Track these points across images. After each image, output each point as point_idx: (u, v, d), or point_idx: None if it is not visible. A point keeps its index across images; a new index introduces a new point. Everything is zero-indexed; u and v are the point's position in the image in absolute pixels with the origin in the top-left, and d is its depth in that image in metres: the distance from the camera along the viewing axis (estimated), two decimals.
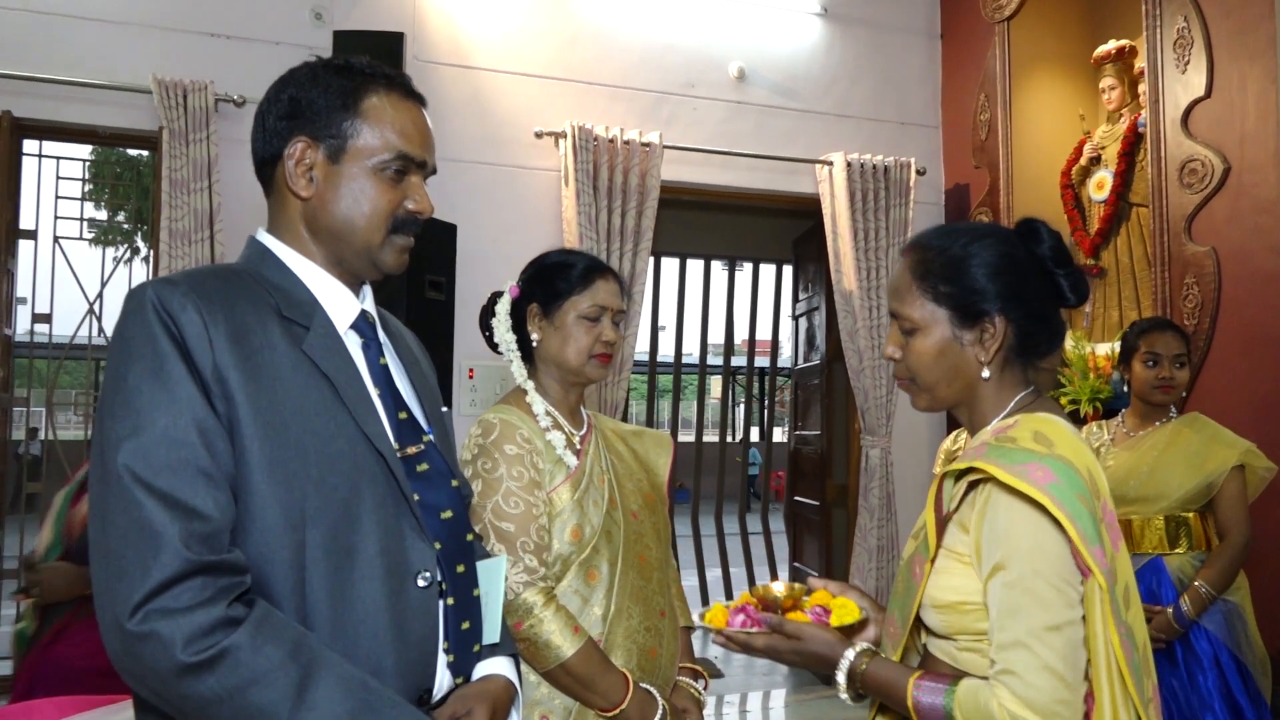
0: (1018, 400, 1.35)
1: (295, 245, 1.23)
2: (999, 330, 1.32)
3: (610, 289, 1.87)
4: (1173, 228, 3.77)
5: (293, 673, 1.00)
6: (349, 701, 1.02)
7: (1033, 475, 1.17)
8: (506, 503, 1.69)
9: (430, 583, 1.17)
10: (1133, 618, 1.22)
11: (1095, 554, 1.15)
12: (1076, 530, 1.15)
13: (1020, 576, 1.16)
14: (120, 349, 1.06)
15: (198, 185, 3.66)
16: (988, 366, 1.34)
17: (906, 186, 4.73)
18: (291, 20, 4.05)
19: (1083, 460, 1.22)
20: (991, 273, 1.33)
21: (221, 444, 1.04)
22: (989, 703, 1.14)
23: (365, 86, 1.22)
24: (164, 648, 0.96)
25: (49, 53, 3.72)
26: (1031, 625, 1.14)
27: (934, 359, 1.36)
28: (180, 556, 0.98)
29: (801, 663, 1.39)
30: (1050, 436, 1.24)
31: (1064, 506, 1.15)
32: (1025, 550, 1.17)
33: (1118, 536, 1.24)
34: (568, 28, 4.50)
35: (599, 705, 1.67)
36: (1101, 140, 4.45)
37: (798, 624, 1.38)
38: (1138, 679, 1.18)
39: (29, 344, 4.56)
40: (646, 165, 4.30)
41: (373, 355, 1.25)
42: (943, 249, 1.36)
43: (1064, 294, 1.35)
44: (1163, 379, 2.80)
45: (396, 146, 1.21)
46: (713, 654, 5.30)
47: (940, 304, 1.35)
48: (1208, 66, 3.65)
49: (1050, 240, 1.35)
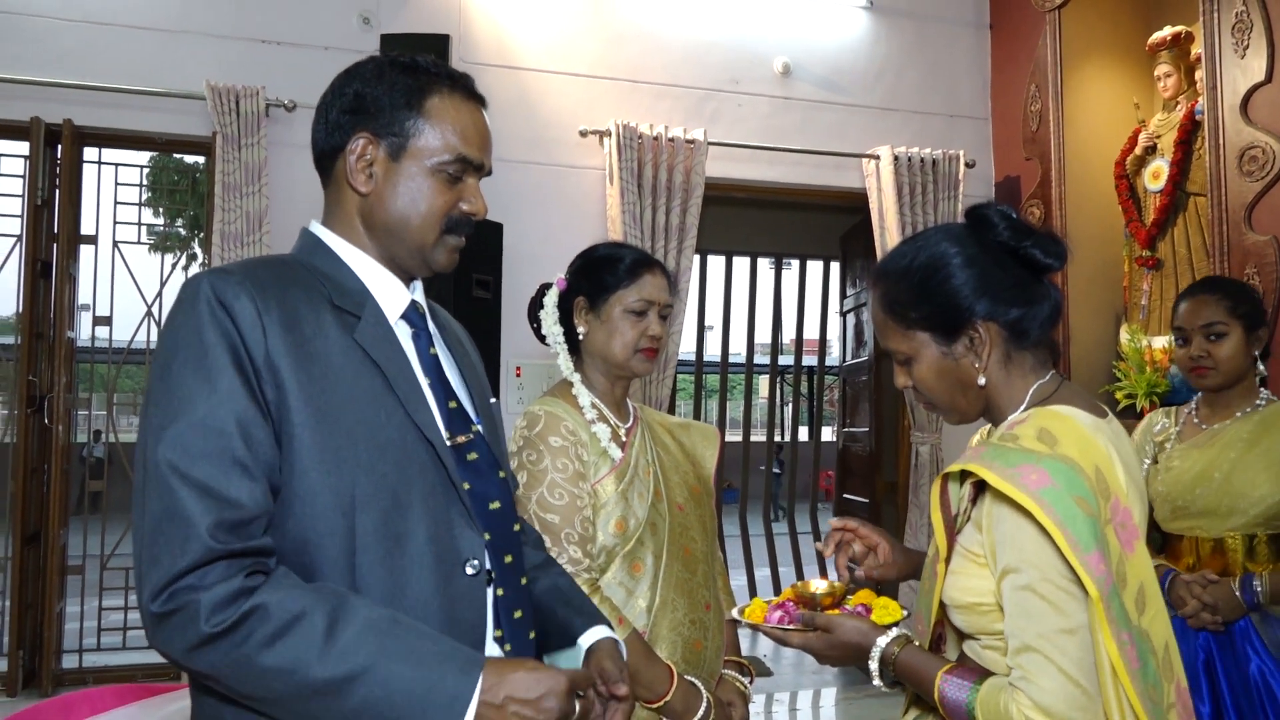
0: (1035, 390, 1.31)
1: (349, 238, 1.24)
2: (985, 335, 1.30)
3: (658, 283, 1.86)
4: (1232, 217, 3.67)
5: (318, 619, 1.01)
6: (376, 636, 1.02)
7: (1025, 479, 1.14)
8: (551, 494, 1.69)
9: (479, 570, 1.18)
10: (1149, 621, 1.18)
11: (1090, 561, 1.11)
12: (1065, 538, 1.10)
13: (1031, 581, 1.14)
14: (168, 339, 1.08)
15: (250, 188, 3.73)
16: (983, 373, 1.31)
17: (955, 179, 4.66)
18: (340, 25, 4.11)
19: (1089, 458, 1.18)
20: (958, 281, 1.29)
21: (262, 434, 1.06)
22: (1008, 706, 1.13)
23: (430, 86, 1.23)
24: (190, 621, 0.98)
25: (107, 62, 3.82)
26: (1044, 629, 1.12)
27: (936, 381, 1.35)
28: (205, 546, 0.99)
29: (838, 656, 1.36)
30: (1056, 433, 1.20)
31: (1054, 512, 1.11)
32: (1032, 554, 1.14)
33: (1132, 536, 1.18)
34: (611, 27, 4.51)
35: (643, 697, 1.66)
36: (1157, 129, 4.34)
37: (829, 616, 1.37)
38: (1144, 687, 1.13)
39: (90, 349, 4.68)
40: (691, 162, 4.29)
41: (423, 345, 1.26)
42: (902, 273, 1.34)
43: (1038, 262, 1.29)
44: (1194, 359, 2.26)
45: (456, 148, 1.22)
46: (762, 651, 5.28)
47: (918, 329, 1.33)
48: (1268, 51, 3.55)
49: (1002, 221, 1.30)
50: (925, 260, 1.32)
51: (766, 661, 5.15)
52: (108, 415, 4.40)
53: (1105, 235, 4.56)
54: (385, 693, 1.00)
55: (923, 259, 1.33)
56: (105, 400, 4.48)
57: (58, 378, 3.87)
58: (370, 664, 1.00)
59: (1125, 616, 1.13)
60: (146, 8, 3.90)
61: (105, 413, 4.42)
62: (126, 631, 4.19)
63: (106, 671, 4.04)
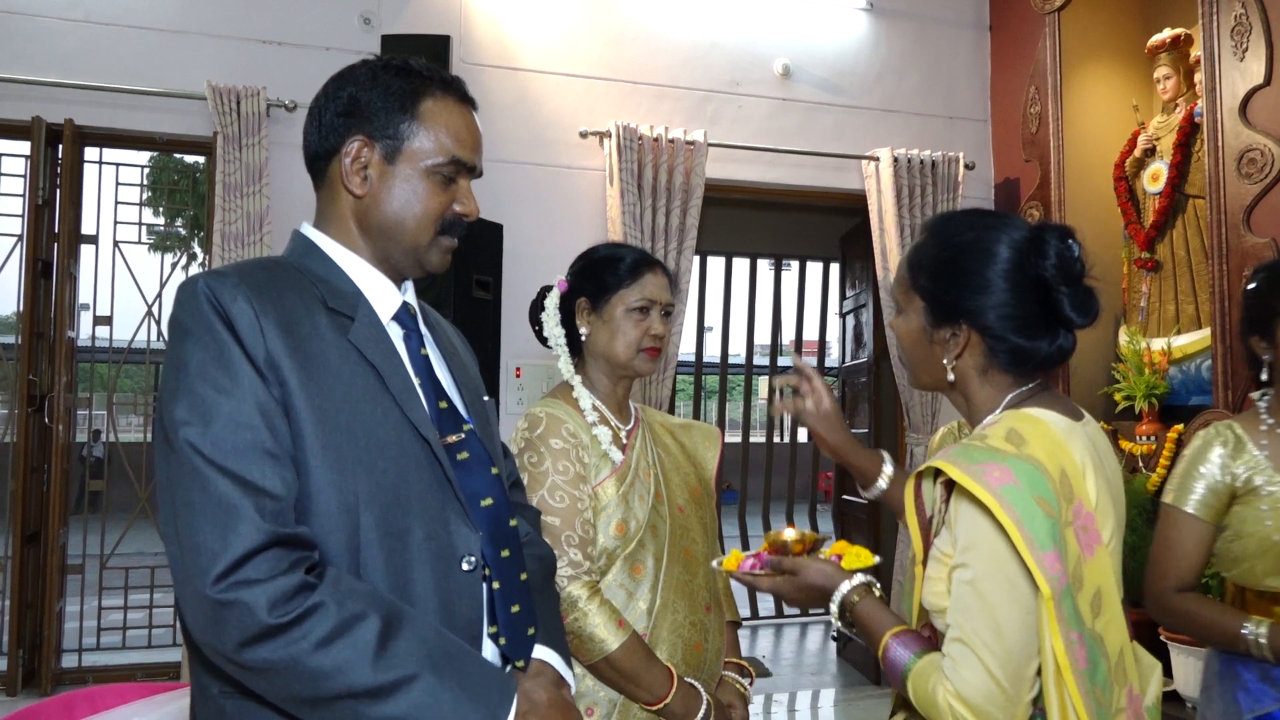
0: (1011, 397, 1.31)
1: (342, 239, 1.26)
2: (964, 340, 1.30)
3: (659, 282, 1.86)
4: (1231, 219, 3.68)
5: (375, 622, 1.03)
6: (426, 648, 1.05)
7: (988, 476, 1.14)
8: (552, 497, 1.69)
9: (475, 566, 1.19)
10: (1104, 626, 1.17)
11: (1045, 560, 1.11)
12: (1021, 535, 1.11)
13: (975, 577, 1.16)
14: (180, 336, 1.09)
15: (250, 189, 3.74)
16: (951, 370, 1.31)
17: (955, 181, 4.67)
18: (340, 26, 4.12)
19: (1056, 460, 1.18)
20: (974, 287, 1.28)
21: (282, 424, 1.08)
22: (936, 686, 1.16)
23: (423, 90, 1.24)
24: (250, 613, 0.98)
25: (109, 62, 3.82)
26: (977, 625, 1.14)
27: (909, 344, 1.37)
28: (258, 527, 1.01)
29: (804, 598, 1.39)
30: (1025, 434, 1.20)
31: (1013, 510, 1.12)
32: (983, 551, 1.16)
33: (1093, 541, 1.18)
34: (612, 28, 4.51)
35: (643, 699, 1.67)
36: (1156, 131, 4.35)
37: (796, 560, 1.40)
38: (1090, 687, 1.14)
39: (90, 348, 4.68)
40: (691, 163, 4.30)
41: (414, 346, 1.27)
42: (941, 243, 1.33)
43: (1062, 314, 1.25)
44: None
45: (450, 151, 1.24)
46: (761, 652, 5.28)
47: (918, 295, 1.34)
48: (1267, 53, 3.56)
49: (1058, 256, 1.25)
50: (961, 245, 1.31)
51: (765, 662, 5.15)
52: (108, 415, 4.41)
53: (1104, 237, 4.56)
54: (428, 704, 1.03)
55: (962, 242, 1.31)
56: (105, 400, 4.49)
57: (58, 377, 3.87)
58: (416, 673, 1.03)
59: (1078, 617, 1.14)
60: (148, 8, 3.90)
61: (105, 412, 4.43)
62: (126, 631, 4.19)
63: (106, 671, 4.05)
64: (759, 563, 1.46)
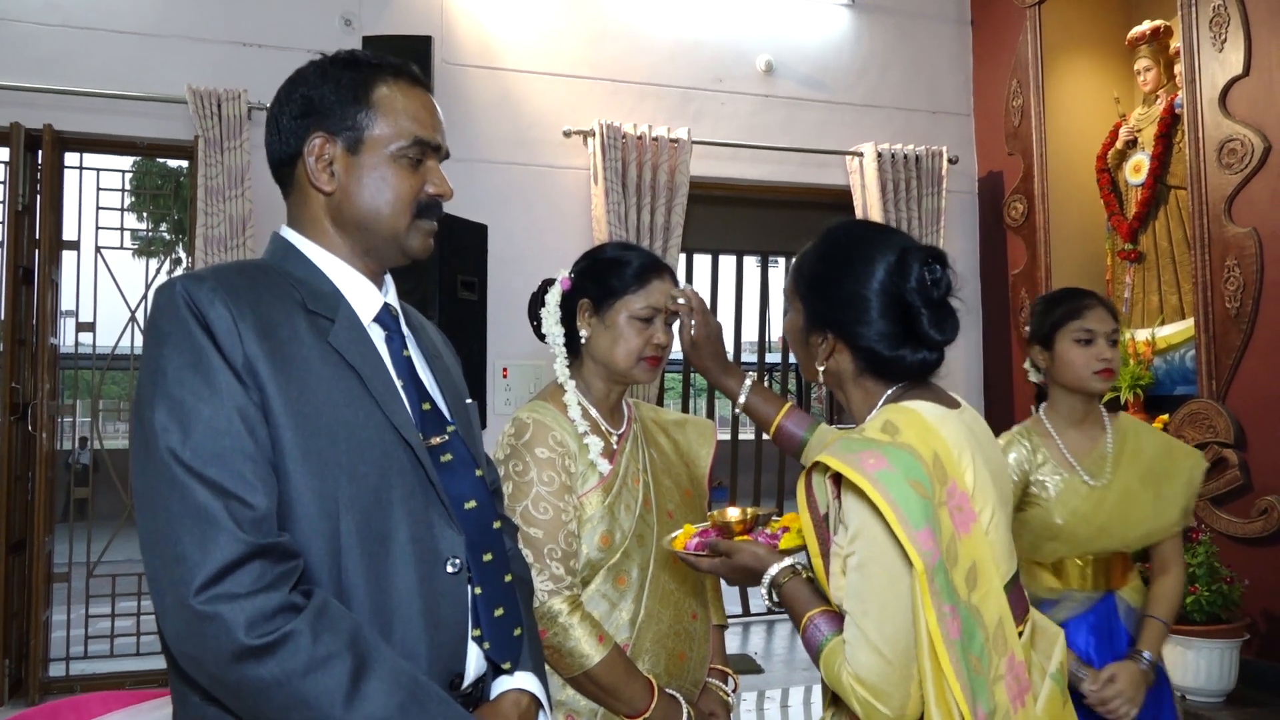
0: (886, 397, 1.39)
1: (319, 240, 1.25)
2: (830, 347, 1.40)
3: (666, 289, 1.78)
4: (1212, 209, 3.70)
5: (348, 662, 1.02)
6: (399, 694, 1.04)
7: (864, 464, 1.22)
8: (536, 508, 1.65)
9: (459, 569, 1.18)
10: (980, 599, 1.25)
11: (919, 537, 1.18)
12: (895, 515, 1.18)
13: (860, 561, 1.23)
14: (157, 341, 1.08)
15: (232, 192, 3.72)
16: (821, 373, 1.42)
17: (939, 175, 4.68)
18: (321, 28, 4.10)
19: (929, 445, 1.26)
20: (838, 302, 1.38)
21: (262, 430, 1.07)
22: (840, 668, 1.24)
23: (374, 77, 1.24)
24: (226, 630, 0.97)
25: (88, 67, 3.80)
26: (866, 607, 1.22)
27: (792, 340, 1.48)
28: (237, 539, 1.00)
29: (739, 579, 1.47)
30: (899, 424, 1.28)
31: (887, 492, 1.19)
32: (864, 536, 1.22)
33: (968, 519, 1.26)
34: (594, 27, 4.51)
35: (623, 712, 1.64)
36: (1138, 123, 4.37)
37: (730, 543, 1.46)
38: (964, 656, 1.20)
39: (74, 355, 4.64)
40: (675, 161, 4.29)
41: (395, 347, 1.26)
42: (822, 255, 1.43)
43: (921, 332, 1.34)
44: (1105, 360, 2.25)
45: (412, 132, 1.23)
46: (753, 649, 5.29)
47: (799, 299, 1.45)
48: (1245, 44, 3.58)
49: (918, 279, 1.33)
50: (838, 259, 1.40)
51: (757, 659, 5.16)
52: (92, 422, 4.37)
53: (1088, 229, 4.59)
54: None
55: (845, 256, 1.40)
56: (90, 406, 4.45)
57: (41, 384, 3.84)
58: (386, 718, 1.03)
59: (951, 591, 1.21)
60: (127, 12, 3.88)
61: (90, 419, 4.39)
62: (114, 639, 4.17)
63: (94, 679, 4.02)
64: (702, 544, 1.50)
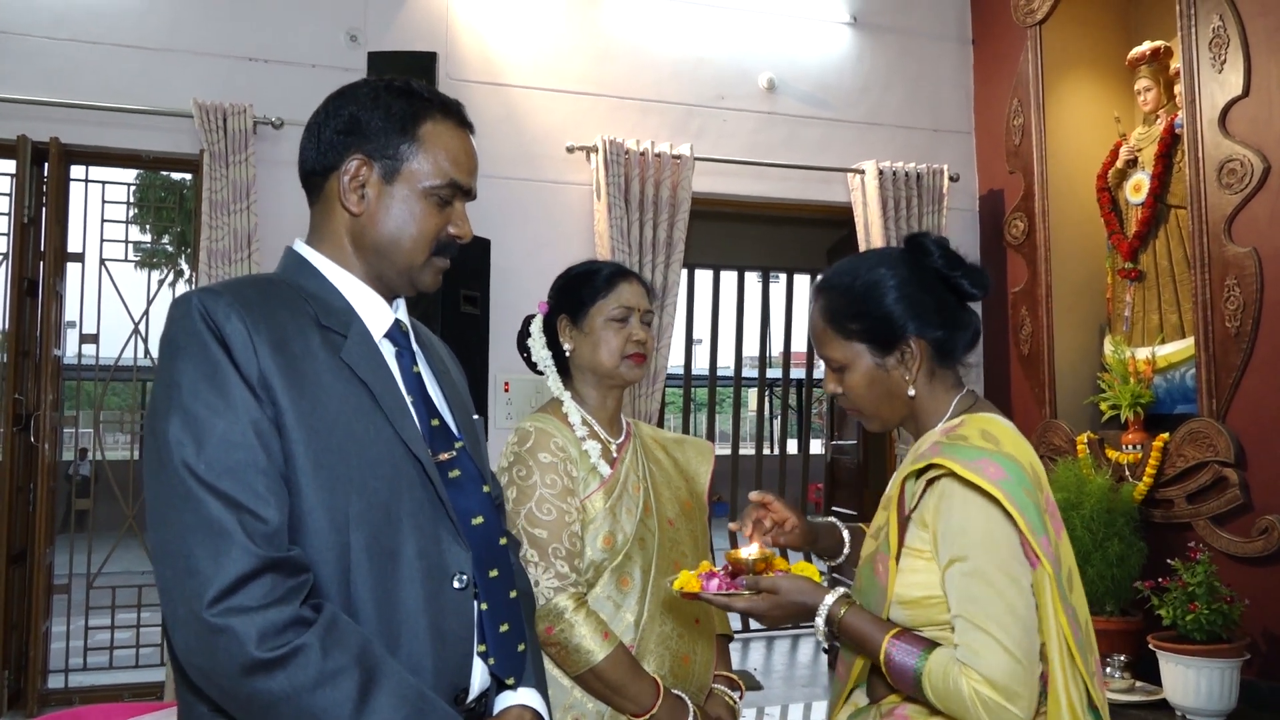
0: (957, 402, 1.45)
1: (335, 257, 1.26)
2: (916, 350, 1.43)
3: (634, 290, 1.89)
4: (1212, 229, 3.71)
5: (356, 677, 1.03)
6: (406, 708, 1.05)
7: (987, 471, 1.26)
8: (540, 509, 1.71)
9: (466, 584, 1.19)
10: (1076, 599, 1.32)
11: (1042, 543, 1.25)
12: (1026, 523, 1.25)
13: (977, 567, 1.25)
14: (172, 354, 1.09)
15: (237, 206, 3.74)
16: (913, 385, 1.44)
17: (940, 193, 4.70)
18: (327, 43, 4.13)
19: (1026, 456, 1.32)
20: (894, 300, 1.43)
21: (275, 444, 1.08)
22: (958, 679, 1.23)
23: (424, 112, 1.26)
24: (238, 643, 0.98)
25: (94, 80, 3.82)
26: (990, 611, 1.23)
27: (866, 389, 1.47)
28: (250, 552, 1.01)
29: (782, 615, 1.43)
30: (996, 435, 1.34)
31: (1014, 500, 1.25)
32: (980, 542, 1.26)
33: (1060, 526, 1.34)
34: (598, 44, 4.54)
35: (629, 710, 1.68)
36: (1138, 142, 4.39)
37: (774, 579, 1.44)
38: (1084, 655, 1.27)
39: (77, 366, 4.66)
40: (678, 177, 4.31)
41: (406, 363, 1.27)
42: (845, 289, 1.47)
43: (965, 291, 1.45)
44: None
45: (449, 174, 1.26)
46: (752, 665, 5.27)
47: (855, 340, 1.46)
48: (1245, 65, 3.60)
49: (938, 250, 1.45)
50: (866, 280, 1.46)
51: (757, 675, 5.14)
52: (94, 433, 4.38)
53: (1088, 248, 4.60)
54: None
55: (864, 279, 1.46)
56: (92, 418, 4.46)
57: (44, 395, 3.85)
58: None
59: (1065, 594, 1.28)
60: (133, 26, 3.91)
61: (92, 430, 4.40)
62: (113, 651, 4.16)
63: (93, 691, 4.01)
64: (723, 584, 1.46)
